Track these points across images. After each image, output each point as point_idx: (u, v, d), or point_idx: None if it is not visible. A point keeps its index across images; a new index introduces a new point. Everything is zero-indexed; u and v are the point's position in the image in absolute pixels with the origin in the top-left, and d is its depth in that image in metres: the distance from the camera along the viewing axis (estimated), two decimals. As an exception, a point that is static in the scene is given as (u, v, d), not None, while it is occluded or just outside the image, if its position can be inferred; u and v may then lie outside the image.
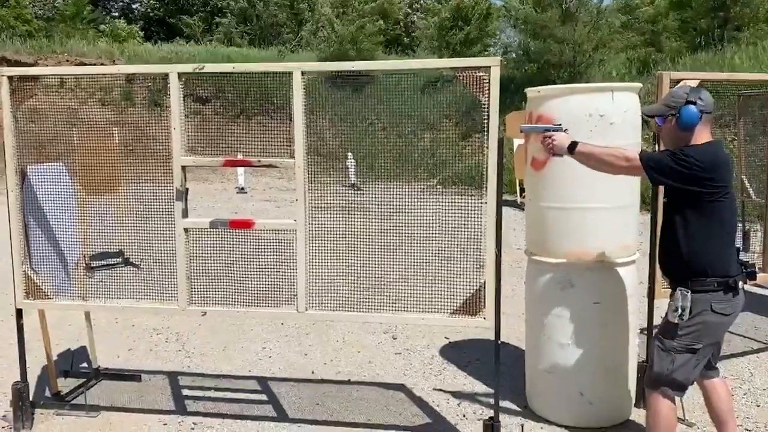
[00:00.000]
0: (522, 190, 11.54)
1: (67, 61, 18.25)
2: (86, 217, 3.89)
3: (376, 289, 3.22)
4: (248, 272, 3.39)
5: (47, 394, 3.96)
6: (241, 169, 15.80)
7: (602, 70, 18.02)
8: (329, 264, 3.31)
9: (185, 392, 4.05)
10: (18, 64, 17.27)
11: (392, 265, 3.22)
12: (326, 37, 22.89)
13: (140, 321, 5.38)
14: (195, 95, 18.01)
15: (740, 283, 2.66)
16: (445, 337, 4.93)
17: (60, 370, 4.14)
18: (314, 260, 3.25)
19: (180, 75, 3.15)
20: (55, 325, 4.70)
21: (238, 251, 3.48)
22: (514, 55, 22.26)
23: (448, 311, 3.13)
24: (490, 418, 3.13)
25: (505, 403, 3.65)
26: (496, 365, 3.14)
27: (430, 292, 3.18)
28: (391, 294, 3.23)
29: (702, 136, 2.64)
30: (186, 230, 3.28)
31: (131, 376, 4.21)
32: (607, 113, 3.32)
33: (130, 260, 3.99)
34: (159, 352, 4.77)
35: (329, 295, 3.25)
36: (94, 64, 18.70)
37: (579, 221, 3.36)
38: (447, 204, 3.23)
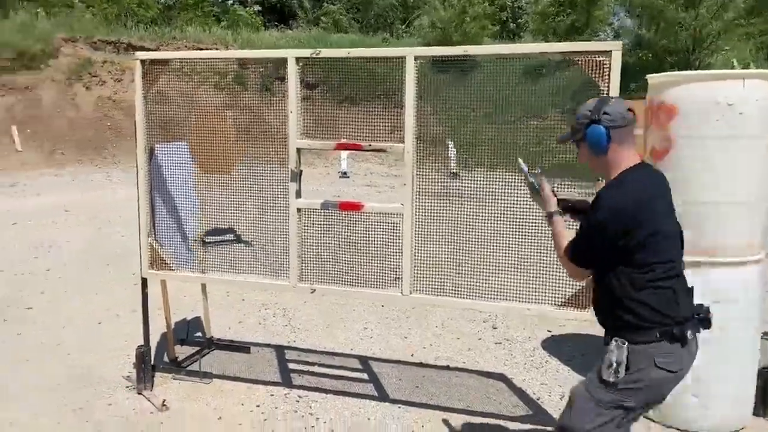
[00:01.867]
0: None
1: (185, 47, 19.26)
2: (203, 195, 4.11)
3: (481, 277, 3.20)
4: (355, 254, 3.48)
5: (165, 359, 4.23)
6: (344, 154, 16.12)
7: (723, 58, 16.82)
8: (434, 249, 3.32)
9: (291, 366, 4.21)
10: (142, 49, 18.41)
11: (496, 253, 3.18)
12: (430, 23, 22.80)
13: (249, 296, 5.64)
14: (304, 81, 18.50)
15: (690, 333, 2.15)
16: (548, 330, 4.83)
17: (177, 338, 4.42)
18: (419, 245, 3.27)
19: (297, 59, 3.25)
20: (172, 297, 5.00)
21: (344, 233, 3.57)
22: (626, 41, 21.22)
23: (554, 303, 3.07)
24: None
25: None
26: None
27: (535, 283, 3.12)
28: (495, 282, 3.20)
29: (622, 156, 2.20)
30: (299, 210, 3.39)
31: (241, 347, 4.43)
32: (736, 102, 3.10)
33: (241, 237, 4.20)
34: (267, 326, 4.98)
35: (434, 280, 3.26)
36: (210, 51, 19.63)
37: (700, 216, 3.17)
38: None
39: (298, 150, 3.35)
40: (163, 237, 3.82)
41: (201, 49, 19.40)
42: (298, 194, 3.39)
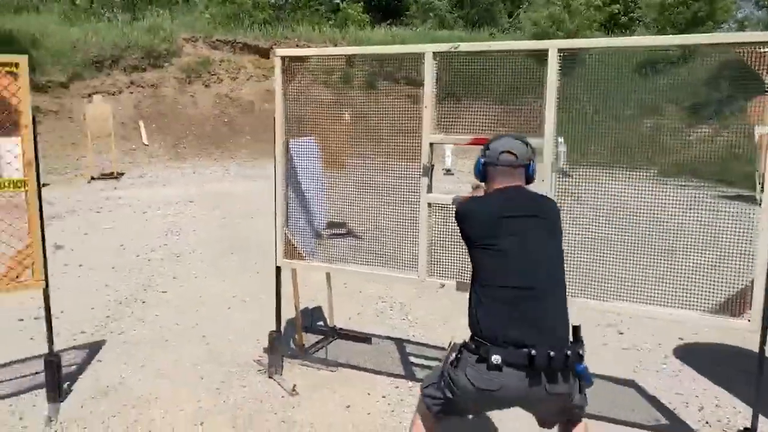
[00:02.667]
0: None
1: (297, 45, 19.88)
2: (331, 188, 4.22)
3: (617, 280, 3.09)
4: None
5: (291, 345, 4.39)
6: (448, 151, 16.04)
7: None
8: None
9: (412, 359, 4.25)
10: (256, 49, 19.19)
11: (629, 255, 3.06)
12: (532, 18, 22.31)
13: (366, 288, 5.74)
14: (409, 78, 18.59)
15: (496, 358, 2.15)
16: (679, 338, 4.59)
17: (304, 326, 4.57)
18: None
19: (434, 54, 3.25)
20: (312, 284, 5.21)
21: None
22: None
23: (700, 308, 2.91)
24: (746, 429, 2.85)
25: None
26: (758, 374, 2.85)
27: (679, 287, 2.97)
28: (633, 285, 3.07)
29: (491, 187, 2.54)
30: (429, 204, 3.40)
31: (363, 338, 4.52)
32: None
33: (353, 231, 4.27)
34: (384, 319, 5.05)
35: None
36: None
37: None
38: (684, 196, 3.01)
39: (431, 144, 3.36)
40: (294, 228, 3.96)
41: (310, 47, 19.97)
42: (429, 189, 3.41)
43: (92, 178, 12.32)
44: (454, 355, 2.34)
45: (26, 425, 3.38)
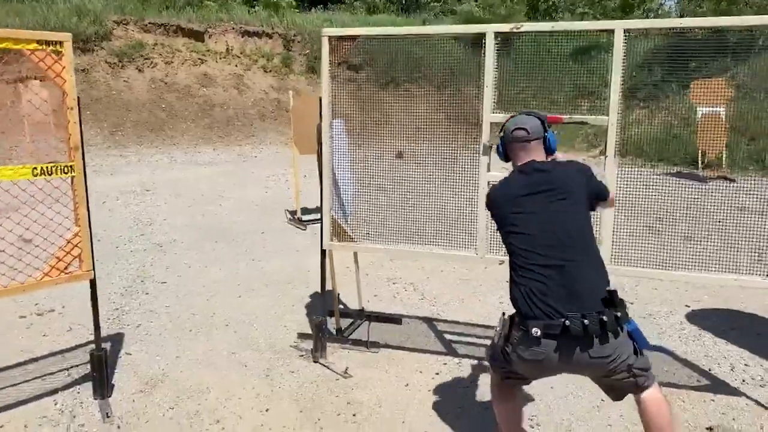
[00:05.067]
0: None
1: (233, 29, 19.33)
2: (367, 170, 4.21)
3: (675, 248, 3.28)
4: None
5: (330, 328, 4.35)
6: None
7: None
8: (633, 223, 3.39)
9: (448, 336, 4.32)
10: (190, 32, 18.50)
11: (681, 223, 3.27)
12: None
13: (372, 271, 5.74)
14: (349, 63, 18.50)
15: (535, 330, 2.28)
16: (686, 305, 4.90)
17: (328, 309, 4.54)
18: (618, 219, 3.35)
19: (496, 34, 3.31)
20: (313, 270, 5.15)
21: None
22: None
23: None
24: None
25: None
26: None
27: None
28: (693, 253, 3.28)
29: (514, 165, 2.65)
30: (489, 183, 3.46)
31: (393, 318, 4.54)
32: None
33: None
34: (403, 300, 5.09)
35: (634, 252, 3.34)
36: (257, 33, 19.72)
37: None
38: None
39: (491, 124, 3.42)
40: (342, 210, 3.92)
41: (249, 32, 19.51)
42: (489, 168, 3.47)
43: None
44: (503, 329, 2.47)
45: (82, 423, 3.20)
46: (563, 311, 2.26)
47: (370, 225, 4.00)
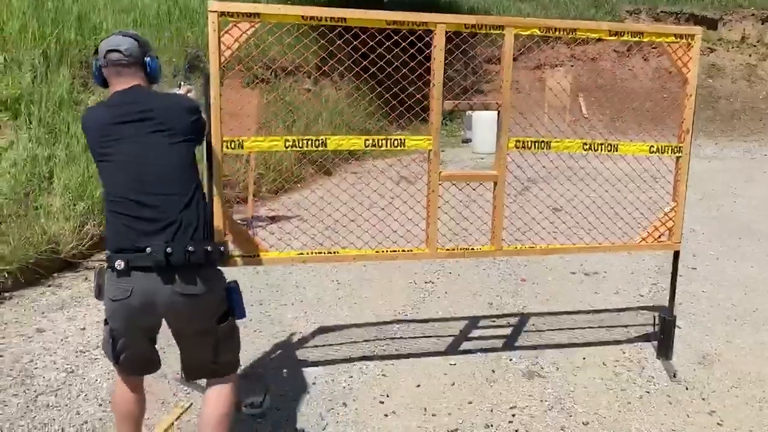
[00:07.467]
0: None
1: (753, 15, 17.76)
2: None
3: None
4: None
5: None
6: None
7: None
8: None
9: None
10: (703, 19, 17.72)
11: None
12: None
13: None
14: None
15: (119, 263, 2.10)
16: None
17: None
18: None
19: None
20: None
21: None
22: None
23: None
24: None
25: None
26: None
27: None
28: None
29: (111, 90, 2.34)
30: None
31: None
32: None
33: None
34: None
35: None
36: None
37: None
38: None
39: None
40: None
41: (772, 16, 17.67)
42: None
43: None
44: (96, 279, 2.25)
45: (652, 375, 3.60)
46: (149, 243, 2.13)
47: None
